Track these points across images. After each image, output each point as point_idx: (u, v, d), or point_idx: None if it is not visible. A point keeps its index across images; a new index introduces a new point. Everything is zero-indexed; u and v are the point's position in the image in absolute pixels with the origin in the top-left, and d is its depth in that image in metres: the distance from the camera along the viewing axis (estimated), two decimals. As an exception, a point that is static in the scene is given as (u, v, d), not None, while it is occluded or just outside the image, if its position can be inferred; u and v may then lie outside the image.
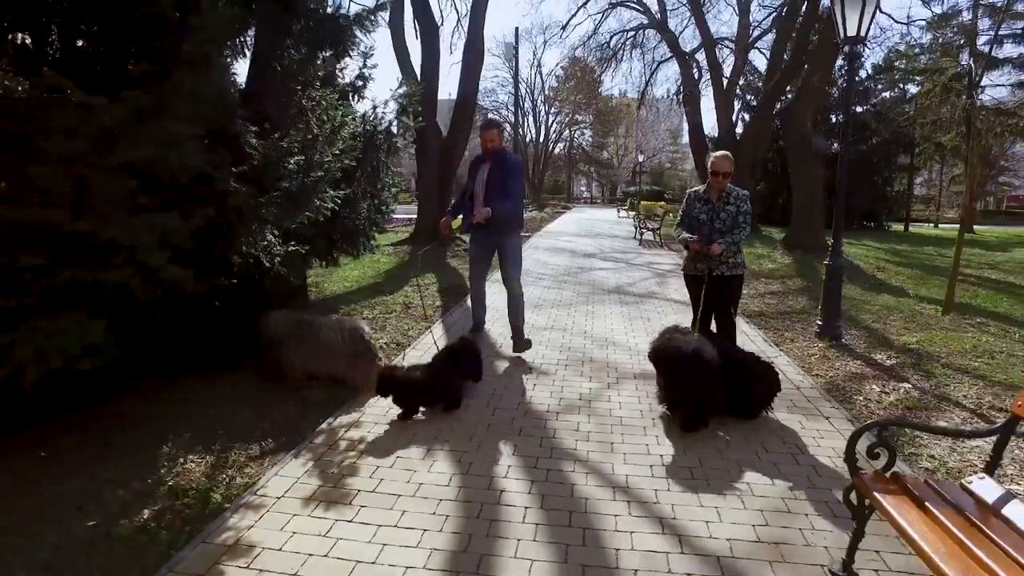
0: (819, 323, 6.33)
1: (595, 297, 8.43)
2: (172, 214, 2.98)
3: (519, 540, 2.70)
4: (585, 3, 25.06)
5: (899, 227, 26.57)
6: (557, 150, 53.12)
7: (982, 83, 26.03)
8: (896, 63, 24.65)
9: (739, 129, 23.68)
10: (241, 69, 5.61)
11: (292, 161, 3.94)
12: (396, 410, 4.07)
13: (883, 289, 9.30)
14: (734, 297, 4.76)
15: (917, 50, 25.77)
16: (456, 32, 27.94)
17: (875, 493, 2.32)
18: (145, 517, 2.91)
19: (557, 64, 54.53)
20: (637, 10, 25.81)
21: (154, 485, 3.19)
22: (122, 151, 2.67)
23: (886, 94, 27.44)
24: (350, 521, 2.86)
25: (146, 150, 2.77)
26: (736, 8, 24.49)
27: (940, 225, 31.35)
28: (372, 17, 4.77)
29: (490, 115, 37.05)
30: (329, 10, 4.45)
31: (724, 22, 76.05)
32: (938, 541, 2.04)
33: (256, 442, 3.67)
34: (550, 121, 50.17)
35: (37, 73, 2.67)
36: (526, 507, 2.97)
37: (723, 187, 4.56)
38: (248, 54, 4.14)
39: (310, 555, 2.60)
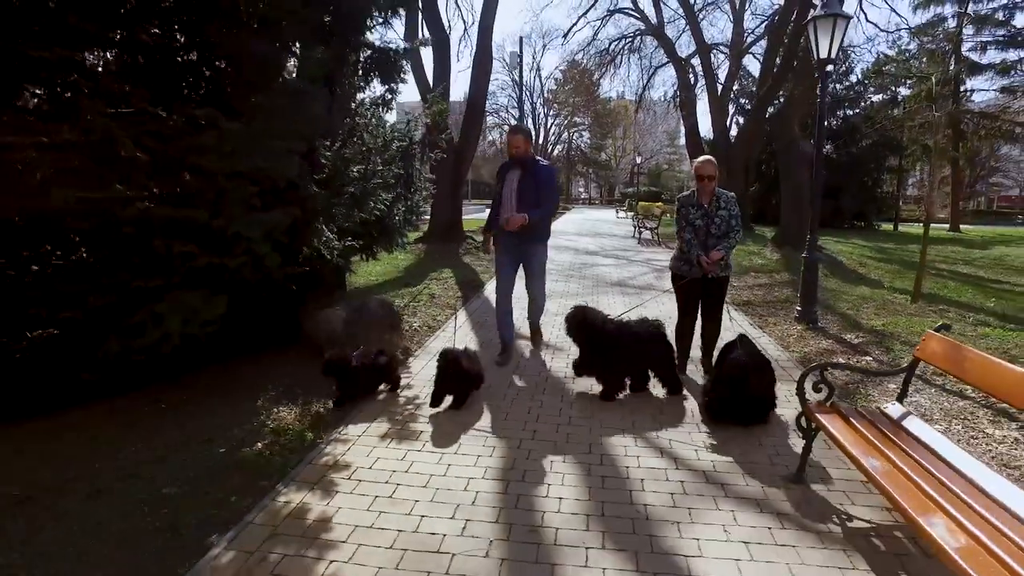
0: (798, 309, 7.19)
1: (599, 289, 9.28)
2: (275, 212, 3.82)
3: (552, 460, 3.56)
4: (586, 13, 25.92)
5: (888, 227, 27.51)
6: (556, 152, 54.09)
7: (969, 88, 27.09)
8: (885, 67, 25.57)
9: (733, 132, 24.60)
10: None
11: (355, 169, 4.79)
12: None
13: (862, 282, 10.18)
14: (721, 298, 4.86)
15: (906, 55, 26.74)
16: (463, 41, 28.76)
17: (817, 415, 3.18)
18: (259, 448, 3.75)
19: (556, 68, 55.41)
20: (635, 17, 26.74)
21: (258, 427, 4.04)
22: (245, 163, 3.52)
23: (878, 97, 28.40)
24: (420, 450, 3.70)
25: (261, 162, 3.61)
26: (731, 16, 25.43)
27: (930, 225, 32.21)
28: (417, 51, 5.63)
29: (489, 118, 37.94)
30: (379, 43, 5.29)
31: (720, 29, 77.13)
32: (858, 443, 2.89)
33: (330, 398, 4.51)
34: (549, 123, 51.18)
35: (180, 103, 3.52)
36: (555, 441, 3.83)
37: (711, 190, 4.64)
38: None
39: (394, 471, 3.45)
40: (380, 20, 5.04)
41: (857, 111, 26.57)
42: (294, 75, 4.46)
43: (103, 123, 3.29)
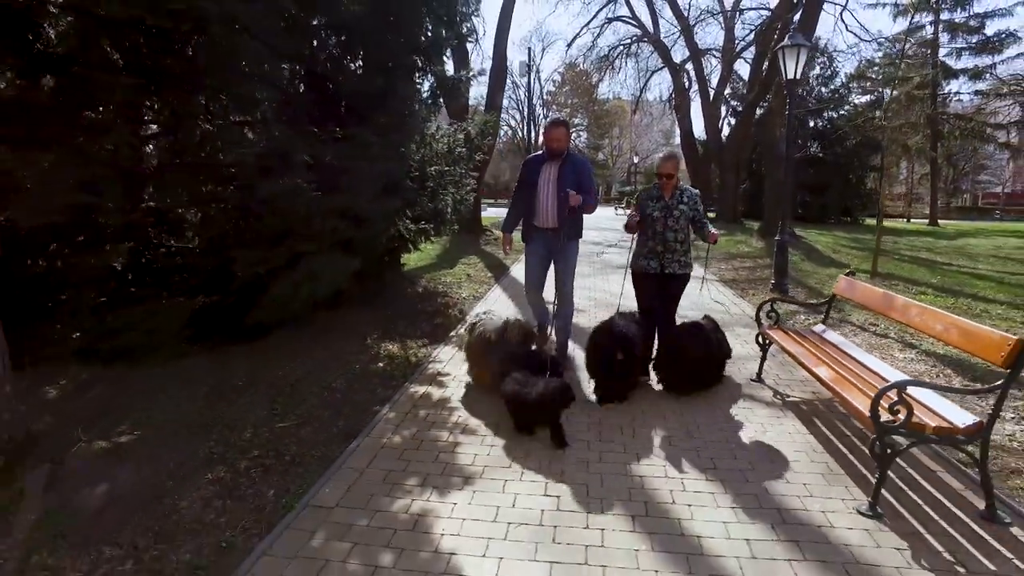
0: (772, 282, 8.83)
1: (607, 271, 10.89)
2: (390, 200, 5.41)
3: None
4: (588, 23, 27.50)
5: (872, 221, 29.19)
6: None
7: (948, 91, 28.78)
8: (867, 72, 27.22)
9: (725, 133, 26.23)
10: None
11: (433, 169, 6.39)
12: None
13: (832, 264, 11.83)
14: (678, 296, 4.75)
15: (887, 60, 28.43)
16: (475, 49, 30.39)
17: (769, 332, 4.80)
18: (381, 366, 5.35)
19: (555, 70, 57.04)
20: (633, 25, 28.35)
21: (374, 355, 5.63)
22: (379, 165, 5.12)
23: (865, 98, 30.04)
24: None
25: (384, 164, 5.21)
26: (723, 24, 27.09)
27: (912, 220, 34.00)
28: (476, 79, 7.22)
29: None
30: (450, 72, 6.87)
31: (713, 36, 78.90)
32: (792, 343, 4.50)
33: (420, 338, 6.11)
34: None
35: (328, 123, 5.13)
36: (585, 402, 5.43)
37: (672, 187, 4.61)
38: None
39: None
40: (447, 53, 6.64)
41: (842, 112, 28.20)
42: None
43: (285, 136, 4.88)
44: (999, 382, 2.93)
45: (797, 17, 15.33)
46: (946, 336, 3.42)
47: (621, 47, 28.83)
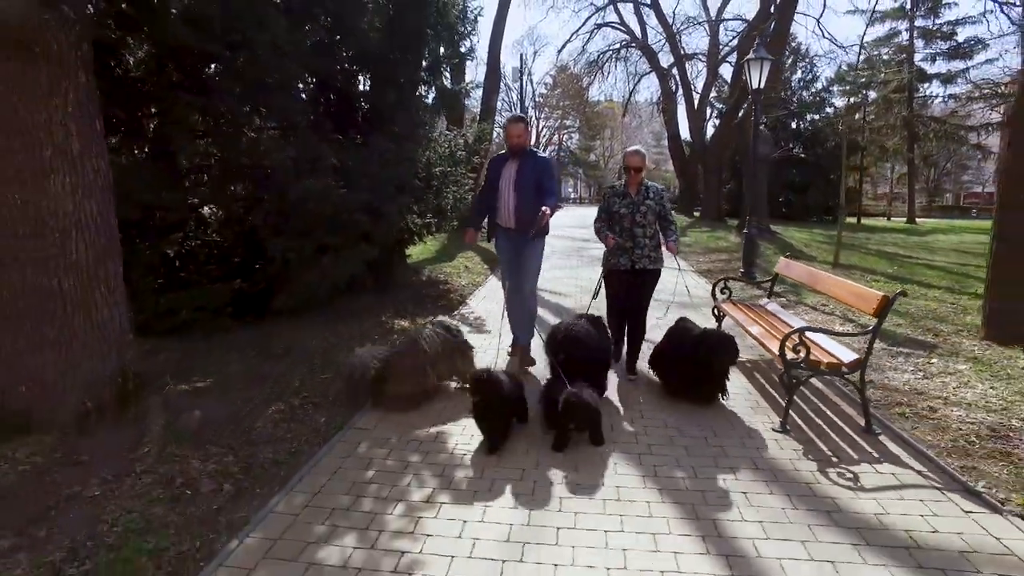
0: (741, 270, 9.80)
1: (595, 264, 11.84)
2: (403, 197, 6.34)
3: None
4: (578, 30, 28.53)
5: (852, 220, 30.28)
6: (547, 153, 56.69)
7: (926, 94, 29.94)
8: (846, 76, 28.33)
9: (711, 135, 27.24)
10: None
11: (437, 171, 7.33)
12: (486, 301, 7.44)
13: (802, 256, 12.81)
14: (651, 291, 4.78)
15: (866, 65, 29.58)
16: (471, 56, 31.30)
17: (722, 305, 5.76)
18: (395, 337, 6.25)
19: (547, 73, 58.10)
20: (621, 30, 29.38)
21: (389, 328, 6.52)
22: (393, 168, 6.05)
23: (846, 100, 31.12)
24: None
25: (397, 167, 6.13)
26: (707, 30, 28.14)
27: (892, 218, 35.16)
28: (472, 91, 8.14)
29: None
30: (449, 85, 7.80)
31: (699, 41, 79.98)
32: (743, 315, 5.45)
33: (426, 315, 7.02)
34: (540, 126, 53.73)
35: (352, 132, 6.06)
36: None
37: (639, 181, 4.59)
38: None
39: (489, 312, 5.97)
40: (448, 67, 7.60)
41: (824, 114, 29.29)
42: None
43: (315, 144, 5.81)
44: (871, 327, 3.89)
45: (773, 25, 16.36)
46: (847, 298, 4.39)
47: (610, 52, 29.82)
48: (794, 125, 29.14)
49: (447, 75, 7.89)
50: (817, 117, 29.66)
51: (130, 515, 2.82)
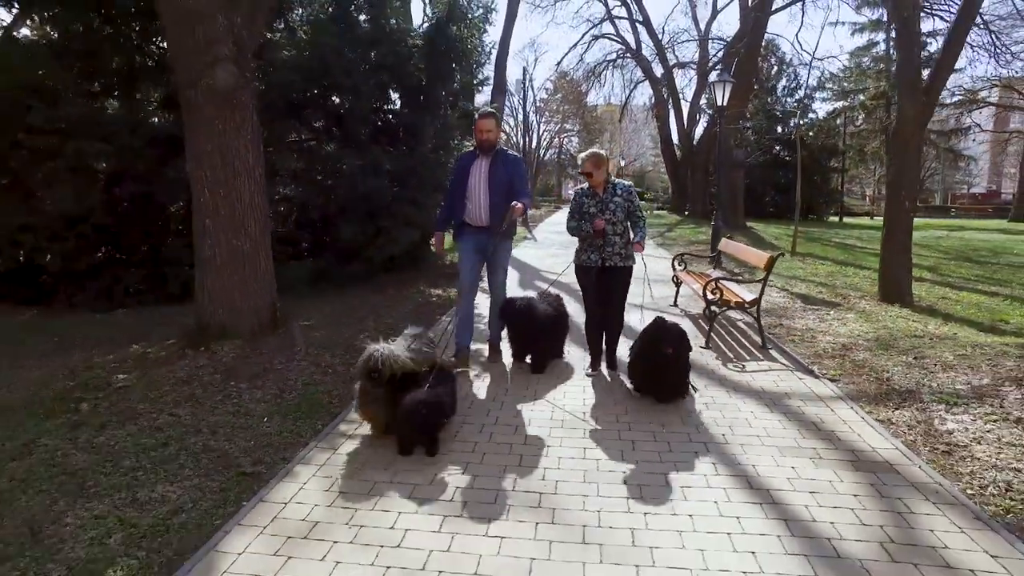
0: (710, 254, 11.77)
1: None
2: (437, 193, 8.34)
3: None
4: (576, 44, 30.56)
5: (835, 219, 32.28)
6: (547, 156, 58.68)
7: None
8: (827, 84, 30.38)
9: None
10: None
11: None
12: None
13: (771, 247, 14.80)
14: (624, 289, 4.78)
15: (848, 74, 31.61)
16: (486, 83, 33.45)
17: (679, 275, 7.75)
18: (434, 300, 8.24)
19: (547, 79, 60.23)
20: (616, 41, 31.43)
21: (427, 294, 8.50)
22: (430, 175, 8.05)
23: (839, 103, 33.05)
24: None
25: (435, 171, 8.12)
26: (697, 43, 30.18)
27: (875, 217, 37.10)
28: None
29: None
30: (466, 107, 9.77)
31: (691, 50, 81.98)
32: (692, 279, 7.43)
33: (453, 287, 9.00)
34: (541, 130, 55.72)
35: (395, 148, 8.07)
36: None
37: (600, 183, 4.61)
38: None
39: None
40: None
41: (806, 121, 31.27)
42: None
43: (375, 154, 7.81)
44: (761, 277, 5.89)
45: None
46: (754, 260, 6.40)
47: (606, 62, 31.86)
48: (780, 129, 31.12)
49: (463, 101, 9.85)
50: (800, 122, 31.67)
51: (303, 377, 4.80)
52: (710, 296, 5.88)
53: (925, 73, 8.19)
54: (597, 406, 4.31)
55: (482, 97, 13.76)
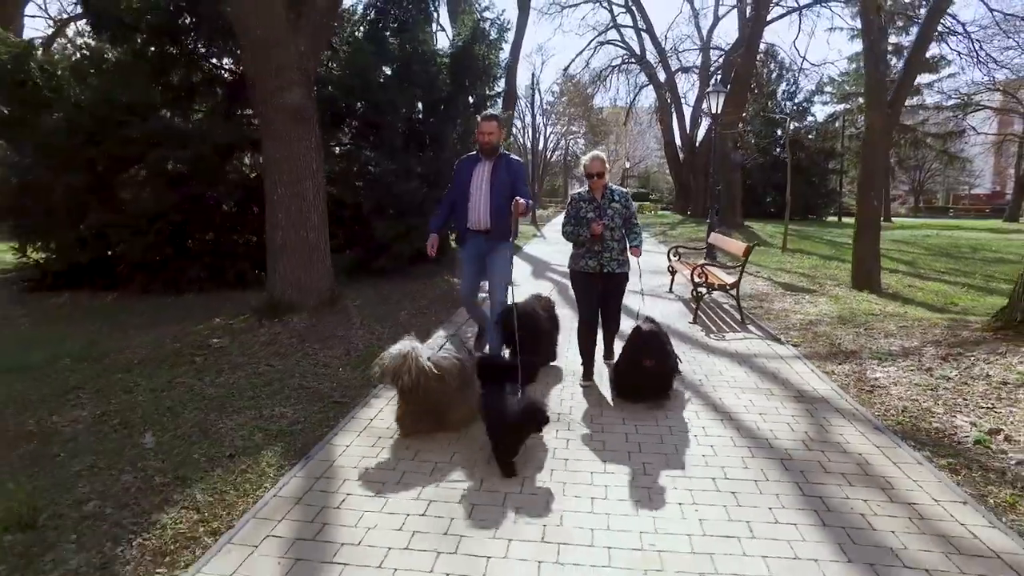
0: (705, 250, 12.85)
1: (594, 249, 14.94)
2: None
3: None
4: (582, 51, 31.72)
5: (834, 219, 33.25)
6: (554, 158, 59.76)
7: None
8: (825, 88, 31.38)
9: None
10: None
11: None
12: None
13: (765, 244, 15.86)
14: (620, 294, 4.74)
15: (845, 78, 32.60)
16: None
17: (674, 266, 8.83)
18: (455, 292, 9.35)
19: (554, 81, 61.32)
20: (621, 47, 32.51)
21: (450, 284, 9.61)
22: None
23: (840, 106, 34.02)
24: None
25: (441, 180, 9.25)
26: (699, 47, 31.22)
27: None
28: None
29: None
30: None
31: (695, 55, 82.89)
32: (685, 267, 8.52)
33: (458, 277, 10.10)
34: (547, 132, 56.78)
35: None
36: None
37: (602, 187, 4.57)
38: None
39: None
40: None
41: (805, 124, 32.26)
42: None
43: (406, 159, 8.93)
44: (741, 264, 6.97)
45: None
46: (735, 250, 7.46)
47: (612, 67, 32.96)
48: (779, 132, 32.12)
49: (482, 110, 10.93)
50: (799, 125, 32.66)
51: (362, 342, 5.90)
52: (696, 280, 6.96)
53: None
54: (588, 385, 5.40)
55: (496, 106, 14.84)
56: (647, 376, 4.26)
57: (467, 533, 2.73)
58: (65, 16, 20.52)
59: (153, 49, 8.63)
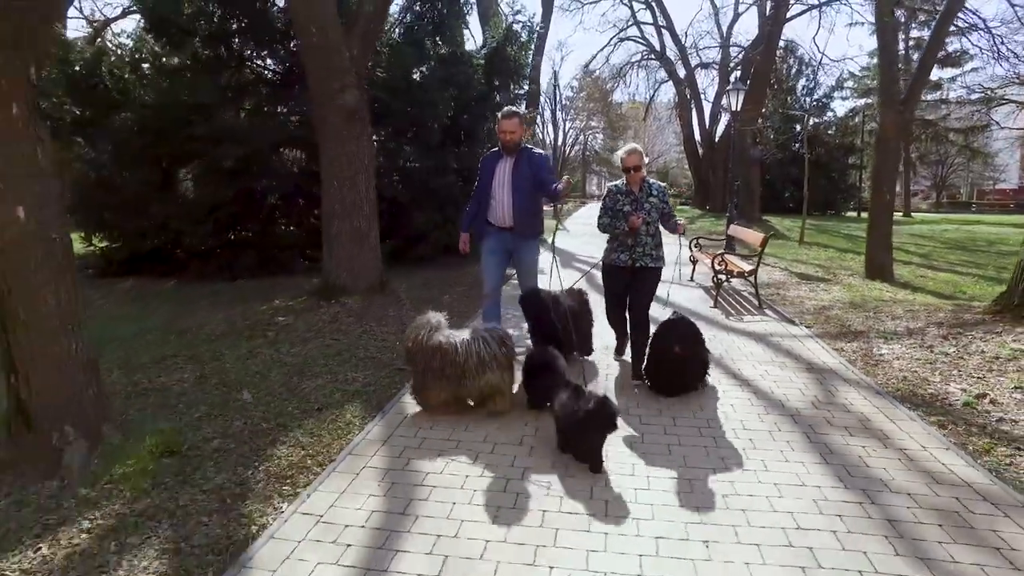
0: (724, 242, 13.32)
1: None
2: (453, 183, 10.06)
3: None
4: (603, 48, 32.05)
5: (854, 213, 33.36)
6: (573, 152, 60.17)
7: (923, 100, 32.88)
8: (845, 84, 31.47)
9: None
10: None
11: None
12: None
13: (782, 238, 16.27)
14: (650, 291, 4.61)
15: (865, 73, 32.61)
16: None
17: (695, 256, 9.35)
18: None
19: (573, 76, 61.69)
20: (641, 43, 32.82)
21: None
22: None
23: (861, 101, 34.01)
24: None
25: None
26: (719, 43, 31.45)
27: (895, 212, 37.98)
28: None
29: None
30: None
31: (715, 51, 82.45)
32: (706, 256, 9.04)
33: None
34: (567, 127, 57.20)
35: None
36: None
37: (639, 180, 4.51)
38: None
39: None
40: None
41: (824, 119, 32.39)
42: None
43: (443, 155, 9.53)
44: (758, 253, 7.49)
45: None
46: (752, 241, 7.96)
47: (632, 63, 33.29)
48: (798, 128, 32.25)
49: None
50: (819, 120, 32.79)
51: (413, 320, 6.51)
52: (717, 267, 7.49)
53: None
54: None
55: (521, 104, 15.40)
56: (679, 364, 4.32)
57: (528, 462, 3.32)
58: (103, 18, 21.34)
59: (208, 52, 9.31)
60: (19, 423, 3.30)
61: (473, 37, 12.91)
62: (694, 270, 9.58)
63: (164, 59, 9.42)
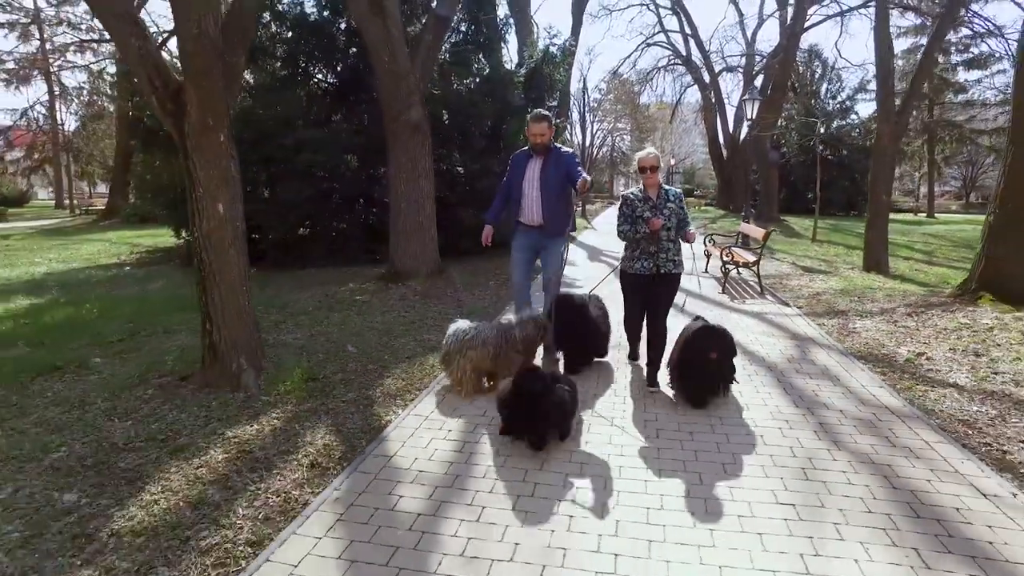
0: (740, 238, 14.44)
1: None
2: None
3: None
4: (630, 55, 33.13)
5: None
6: (600, 154, 61.15)
7: (946, 101, 33.27)
8: (868, 86, 31.98)
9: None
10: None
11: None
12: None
13: (799, 236, 17.27)
14: (673, 297, 4.69)
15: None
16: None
17: (710, 249, 10.54)
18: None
19: (600, 79, 62.69)
20: (667, 48, 33.83)
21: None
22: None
23: (870, 108, 34.58)
24: (580, 268, 11.17)
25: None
26: (743, 47, 32.31)
27: (919, 214, 38.32)
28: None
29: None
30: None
31: (738, 56, 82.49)
32: (718, 251, 10.23)
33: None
34: (594, 129, 58.22)
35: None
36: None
37: (656, 182, 4.52)
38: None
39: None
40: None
41: (847, 122, 32.99)
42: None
43: (487, 160, 10.88)
44: (761, 246, 8.68)
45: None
46: (757, 235, 9.15)
47: (658, 68, 34.32)
48: (822, 130, 32.87)
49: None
50: (842, 123, 33.42)
51: (467, 299, 7.85)
52: (724, 258, 8.70)
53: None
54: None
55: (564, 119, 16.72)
56: (711, 369, 4.27)
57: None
58: (165, 33, 23.19)
59: (285, 72, 10.81)
60: (210, 357, 4.72)
61: (510, 57, 14.15)
62: (707, 263, 10.77)
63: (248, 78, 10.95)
